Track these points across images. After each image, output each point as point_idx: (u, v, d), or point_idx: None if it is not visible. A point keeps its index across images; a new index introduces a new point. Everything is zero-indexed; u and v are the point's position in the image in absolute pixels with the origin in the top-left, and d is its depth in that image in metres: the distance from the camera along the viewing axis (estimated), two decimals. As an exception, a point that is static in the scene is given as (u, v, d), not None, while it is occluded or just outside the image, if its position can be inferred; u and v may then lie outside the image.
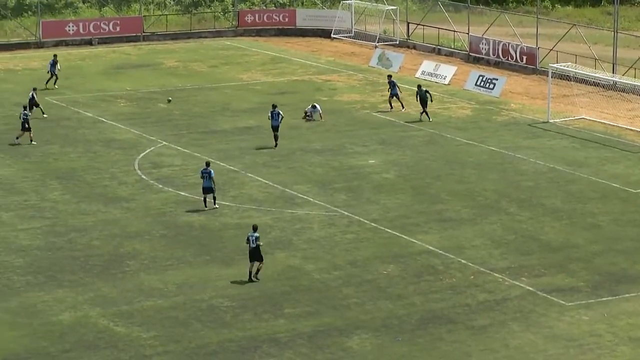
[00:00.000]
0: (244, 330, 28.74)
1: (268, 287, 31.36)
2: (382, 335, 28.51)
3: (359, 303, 30.49)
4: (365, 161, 43.85)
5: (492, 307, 30.21)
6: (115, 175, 41.71)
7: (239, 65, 62.67)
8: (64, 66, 59.14)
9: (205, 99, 54.33)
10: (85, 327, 28.86)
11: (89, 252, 34.00)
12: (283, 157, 44.41)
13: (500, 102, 54.38)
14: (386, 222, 36.91)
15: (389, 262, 33.48)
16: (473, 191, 40.06)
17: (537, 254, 33.97)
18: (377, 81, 58.95)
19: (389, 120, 50.63)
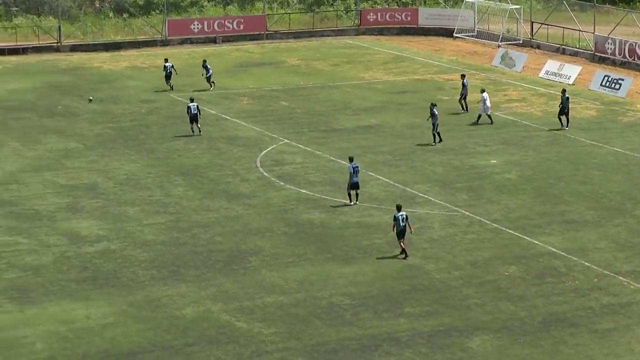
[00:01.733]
0: (364, 328, 28.75)
1: (388, 286, 31.34)
2: (503, 337, 28.28)
3: (479, 304, 30.32)
4: (487, 161, 43.59)
5: (617, 310, 29.67)
6: (238, 172, 42.20)
7: (360, 64, 63.15)
8: (187, 64, 60.70)
9: (327, 97, 54.82)
10: (207, 321, 29.19)
11: (211, 248, 34.41)
12: (404, 156, 44.34)
13: (626, 103, 53.32)
14: (507, 222, 36.60)
15: (510, 263, 33.18)
16: (597, 193, 39.42)
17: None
18: (499, 80, 58.52)
19: (511, 120, 50.23)
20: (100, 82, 57.65)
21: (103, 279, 31.93)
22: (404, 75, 59.80)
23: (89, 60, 62.91)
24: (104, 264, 33.02)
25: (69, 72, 59.97)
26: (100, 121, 49.76)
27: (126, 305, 30.18)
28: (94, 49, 65.97)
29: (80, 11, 72.79)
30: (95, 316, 29.51)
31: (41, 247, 34.14)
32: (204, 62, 56.04)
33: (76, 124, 49.18)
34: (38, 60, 63.06)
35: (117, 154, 44.57)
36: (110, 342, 28.00)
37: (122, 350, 27.60)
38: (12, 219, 36.68)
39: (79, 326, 28.93)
